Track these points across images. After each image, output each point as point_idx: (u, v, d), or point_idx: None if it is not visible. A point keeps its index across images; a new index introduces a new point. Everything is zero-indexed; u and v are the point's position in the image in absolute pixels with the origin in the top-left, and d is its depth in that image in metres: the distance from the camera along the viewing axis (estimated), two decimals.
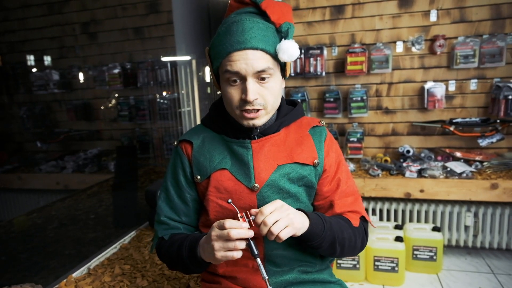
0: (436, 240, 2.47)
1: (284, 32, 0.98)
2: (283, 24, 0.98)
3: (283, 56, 0.96)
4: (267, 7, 0.98)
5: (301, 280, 1.07)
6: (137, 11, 3.35)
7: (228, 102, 1.02)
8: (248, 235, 0.89)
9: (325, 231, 0.97)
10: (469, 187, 2.42)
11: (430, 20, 2.68)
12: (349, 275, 2.48)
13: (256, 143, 1.05)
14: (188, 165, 1.11)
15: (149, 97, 3.39)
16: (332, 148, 1.12)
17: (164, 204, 1.14)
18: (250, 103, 0.96)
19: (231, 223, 0.89)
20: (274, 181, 1.03)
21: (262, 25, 0.96)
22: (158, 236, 1.12)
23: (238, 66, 0.94)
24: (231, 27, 0.96)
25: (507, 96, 2.49)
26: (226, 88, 1.00)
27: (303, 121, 1.14)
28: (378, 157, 2.85)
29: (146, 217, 2.14)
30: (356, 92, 2.82)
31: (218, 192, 1.05)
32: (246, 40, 0.94)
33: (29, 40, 3.73)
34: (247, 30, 0.94)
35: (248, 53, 0.94)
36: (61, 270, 1.63)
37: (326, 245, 0.99)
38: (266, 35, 0.96)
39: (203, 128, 1.15)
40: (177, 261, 1.05)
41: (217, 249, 0.90)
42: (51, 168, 3.49)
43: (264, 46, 0.95)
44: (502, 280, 2.42)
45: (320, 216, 1.00)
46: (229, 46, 0.95)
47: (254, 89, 0.96)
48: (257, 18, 0.98)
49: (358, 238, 1.07)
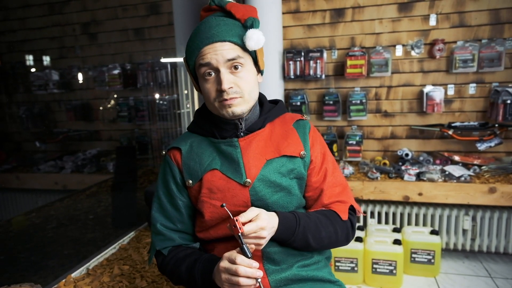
0: (434, 243, 2.48)
1: (249, 25, 1.03)
2: (247, 19, 1.04)
3: (250, 43, 1.02)
4: (232, 7, 1.05)
5: (300, 278, 1.08)
6: (138, 12, 3.36)
7: (207, 97, 1.06)
8: (256, 275, 0.90)
9: (296, 235, 1.02)
10: (467, 191, 2.43)
11: (429, 24, 2.70)
12: (347, 278, 2.49)
13: (244, 141, 1.08)
14: (178, 171, 1.12)
15: (149, 98, 3.39)
16: (316, 140, 1.15)
17: (157, 214, 1.15)
18: (225, 91, 1.01)
19: (242, 259, 0.90)
20: (265, 176, 1.06)
21: (228, 21, 1.04)
22: (156, 248, 1.12)
23: (209, 57, 1.01)
24: (199, 28, 1.04)
25: (505, 100, 2.50)
26: (203, 84, 1.05)
27: (286, 117, 1.17)
28: (377, 160, 2.86)
29: (145, 217, 2.13)
30: (355, 95, 2.83)
31: (211, 192, 1.06)
32: (213, 34, 1.01)
33: (29, 40, 3.73)
34: (213, 26, 1.02)
35: (216, 45, 1.01)
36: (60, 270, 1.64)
37: (298, 245, 1.05)
38: (232, 29, 1.03)
39: (189, 134, 1.17)
40: (187, 280, 1.06)
41: (224, 281, 0.92)
42: (49, 168, 3.49)
43: (230, 38, 1.01)
44: (500, 284, 2.42)
45: (297, 219, 1.03)
46: (199, 43, 1.02)
47: (228, 79, 1.01)
48: (223, 17, 1.05)
49: (342, 234, 1.10)
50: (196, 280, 1.02)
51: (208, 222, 1.08)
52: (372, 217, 2.79)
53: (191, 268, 1.04)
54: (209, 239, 1.11)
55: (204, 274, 1.01)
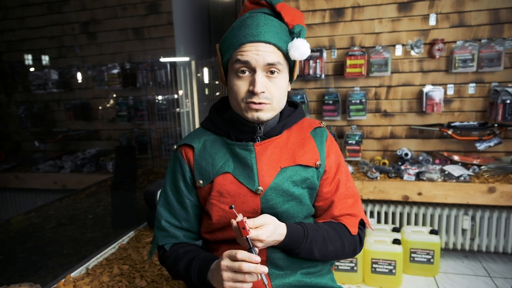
0: (434, 243, 2.48)
1: (297, 33, 1.00)
2: (296, 26, 1.00)
3: (294, 53, 0.98)
4: (282, 8, 1.01)
5: (303, 284, 1.07)
6: (137, 12, 3.35)
7: (234, 94, 1.02)
8: (261, 271, 0.87)
9: (301, 248, 1.00)
10: (467, 191, 2.43)
11: (429, 24, 2.70)
12: (347, 277, 2.49)
13: (259, 146, 1.05)
14: (188, 170, 1.09)
15: (148, 97, 3.39)
16: (332, 150, 1.12)
17: (163, 209, 1.13)
18: (257, 95, 0.97)
19: (243, 254, 0.88)
20: (278, 184, 1.03)
21: (276, 23, 0.99)
22: (158, 243, 1.11)
23: (250, 56, 0.96)
24: (245, 21, 0.99)
25: (505, 100, 2.51)
26: (234, 80, 1.01)
27: (304, 123, 1.14)
28: (376, 160, 2.86)
29: (145, 217, 2.13)
30: (355, 95, 2.83)
31: (221, 196, 1.04)
32: (260, 33, 0.96)
33: (28, 39, 3.72)
34: (261, 25, 0.97)
35: (260, 45, 0.96)
36: (59, 270, 1.63)
37: (302, 256, 1.03)
38: (279, 33, 0.98)
39: (203, 131, 1.13)
40: (185, 278, 1.05)
41: (226, 280, 0.89)
42: (49, 168, 3.48)
43: (276, 41, 0.97)
44: (499, 283, 2.43)
45: (305, 233, 1.01)
46: (243, 38, 0.97)
47: (262, 82, 0.97)
48: (271, 17, 1.01)
49: (349, 248, 1.08)
50: (192, 278, 1.01)
51: (215, 225, 1.07)
52: (371, 216, 2.79)
53: (188, 266, 1.03)
54: (214, 240, 1.10)
55: (200, 273, 1.00)
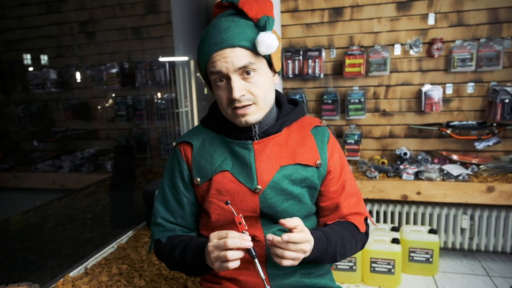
0: (433, 242, 2.48)
1: (262, 26, 0.96)
2: (261, 18, 0.96)
3: (261, 48, 0.95)
4: (244, 5, 0.98)
5: (303, 284, 1.07)
6: (136, 11, 3.35)
7: (219, 104, 1.03)
8: (245, 245, 0.87)
9: (327, 254, 0.99)
10: (466, 190, 2.43)
11: (428, 23, 2.70)
12: (346, 277, 2.49)
13: (258, 144, 1.04)
14: (186, 167, 1.09)
15: (147, 97, 3.38)
16: (335, 149, 1.12)
17: (160, 205, 1.14)
18: (237, 100, 0.97)
19: (232, 233, 0.88)
20: (277, 183, 1.02)
21: (239, 23, 0.97)
22: (155, 238, 1.12)
23: (219, 65, 0.96)
24: (209, 31, 0.98)
25: (503, 99, 2.51)
26: (215, 91, 1.02)
27: (304, 121, 1.13)
28: (375, 159, 2.86)
29: (144, 217, 2.13)
30: (354, 94, 2.83)
31: (220, 194, 1.04)
32: (223, 40, 0.95)
33: (27, 38, 3.71)
34: (223, 31, 0.95)
35: (226, 52, 0.95)
36: (58, 270, 1.63)
37: (327, 262, 1.03)
38: (244, 32, 0.96)
39: (202, 128, 1.14)
40: (181, 265, 1.05)
41: (214, 260, 0.90)
42: (47, 167, 3.48)
43: (241, 42, 0.95)
44: (498, 282, 2.43)
45: (327, 238, 0.99)
46: (208, 49, 0.97)
47: (239, 86, 0.96)
48: (234, 17, 0.98)
49: (359, 244, 1.10)
50: (189, 264, 1.01)
51: (214, 223, 1.07)
52: (370, 216, 2.79)
53: (183, 253, 1.03)
54: None
55: (195, 257, 0.99)
